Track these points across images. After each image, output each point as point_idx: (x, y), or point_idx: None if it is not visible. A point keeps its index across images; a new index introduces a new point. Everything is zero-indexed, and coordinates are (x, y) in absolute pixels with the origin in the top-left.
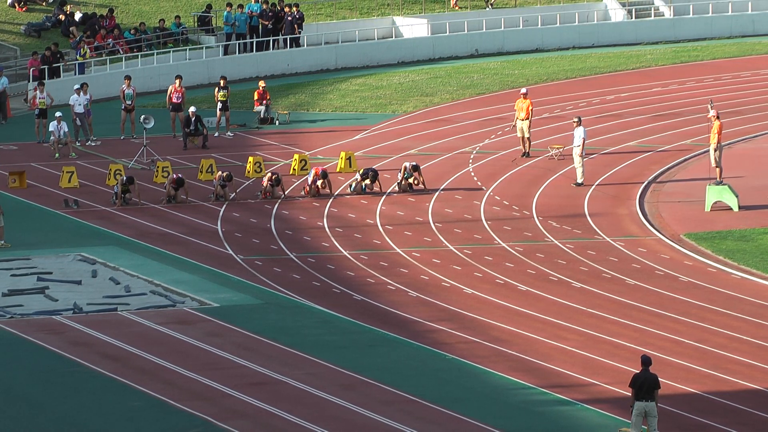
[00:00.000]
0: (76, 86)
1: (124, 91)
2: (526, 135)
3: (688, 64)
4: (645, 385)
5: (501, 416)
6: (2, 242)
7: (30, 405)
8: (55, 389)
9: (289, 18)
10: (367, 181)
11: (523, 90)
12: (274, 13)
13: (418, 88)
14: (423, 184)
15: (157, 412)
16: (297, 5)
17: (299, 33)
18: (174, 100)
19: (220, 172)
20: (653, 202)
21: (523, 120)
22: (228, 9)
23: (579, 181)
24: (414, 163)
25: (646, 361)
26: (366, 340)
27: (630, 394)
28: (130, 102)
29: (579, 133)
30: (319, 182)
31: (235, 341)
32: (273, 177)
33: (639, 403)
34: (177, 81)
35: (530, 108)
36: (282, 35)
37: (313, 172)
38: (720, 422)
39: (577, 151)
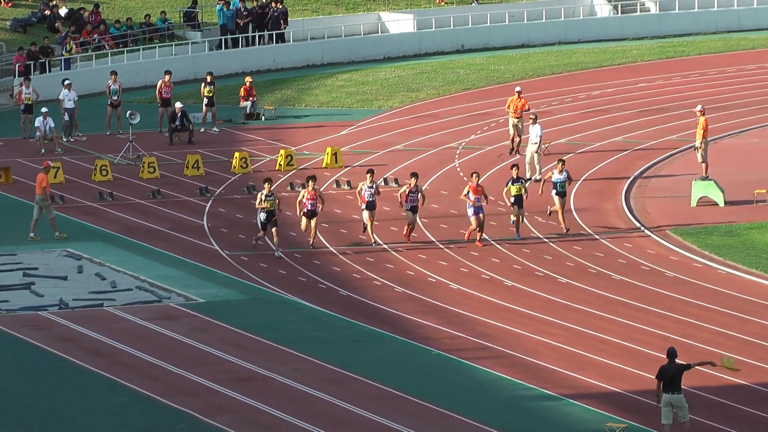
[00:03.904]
0: (67, 81)
1: (110, 87)
2: (519, 133)
3: (674, 59)
4: (674, 377)
5: (487, 411)
6: (32, 235)
7: (16, 400)
8: (41, 385)
9: (275, 13)
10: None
11: (518, 88)
12: (250, 11)
13: (404, 84)
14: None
15: (143, 407)
16: (281, 0)
17: (285, 28)
18: (164, 95)
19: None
20: (639, 197)
21: (516, 119)
22: (220, 2)
23: (537, 176)
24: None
25: (672, 353)
26: (352, 335)
27: (656, 387)
28: (116, 97)
29: (536, 131)
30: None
31: (221, 337)
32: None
33: (666, 396)
34: (167, 76)
35: (524, 107)
36: (267, 31)
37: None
38: (705, 417)
39: (533, 149)
